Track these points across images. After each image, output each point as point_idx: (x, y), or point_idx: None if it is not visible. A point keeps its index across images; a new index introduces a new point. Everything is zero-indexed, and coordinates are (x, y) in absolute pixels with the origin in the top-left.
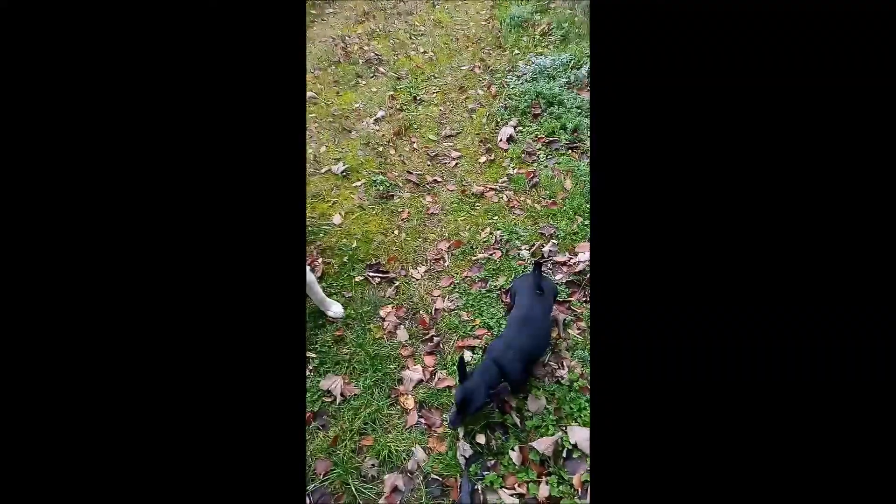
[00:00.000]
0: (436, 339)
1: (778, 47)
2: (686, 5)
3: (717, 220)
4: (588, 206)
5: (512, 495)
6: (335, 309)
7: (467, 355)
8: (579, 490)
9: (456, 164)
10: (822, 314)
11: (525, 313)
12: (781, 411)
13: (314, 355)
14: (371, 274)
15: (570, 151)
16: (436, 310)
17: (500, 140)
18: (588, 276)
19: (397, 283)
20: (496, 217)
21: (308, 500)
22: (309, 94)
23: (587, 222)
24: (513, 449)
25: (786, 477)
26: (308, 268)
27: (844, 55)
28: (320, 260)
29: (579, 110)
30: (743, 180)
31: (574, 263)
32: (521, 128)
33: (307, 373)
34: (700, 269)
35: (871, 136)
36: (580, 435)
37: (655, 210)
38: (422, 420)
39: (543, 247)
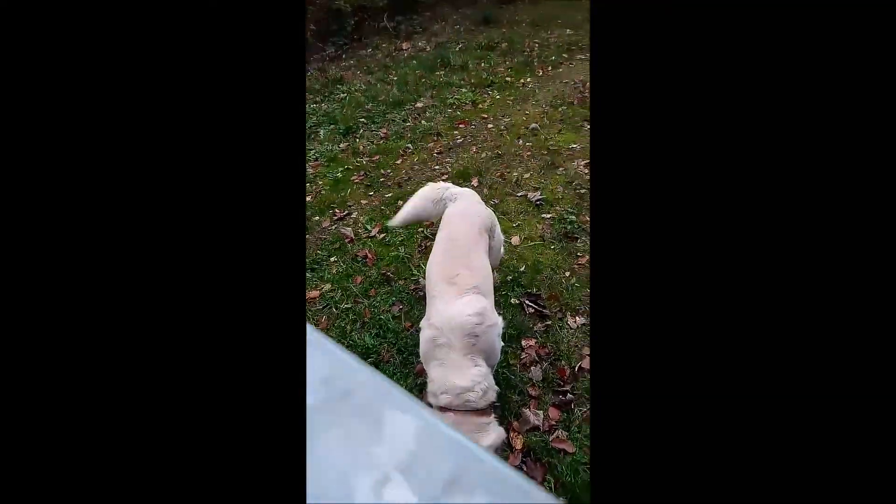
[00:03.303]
0: (570, 396)
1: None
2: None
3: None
4: None
5: None
6: (495, 436)
7: None
8: None
9: None
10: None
11: None
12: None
13: None
14: (528, 302)
15: None
16: (580, 367)
17: None
18: None
19: (549, 322)
20: None
21: None
22: (532, 125)
23: None
24: None
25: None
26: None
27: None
28: None
29: None
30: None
31: None
32: None
33: None
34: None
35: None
36: None
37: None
38: (524, 467)
39: None
